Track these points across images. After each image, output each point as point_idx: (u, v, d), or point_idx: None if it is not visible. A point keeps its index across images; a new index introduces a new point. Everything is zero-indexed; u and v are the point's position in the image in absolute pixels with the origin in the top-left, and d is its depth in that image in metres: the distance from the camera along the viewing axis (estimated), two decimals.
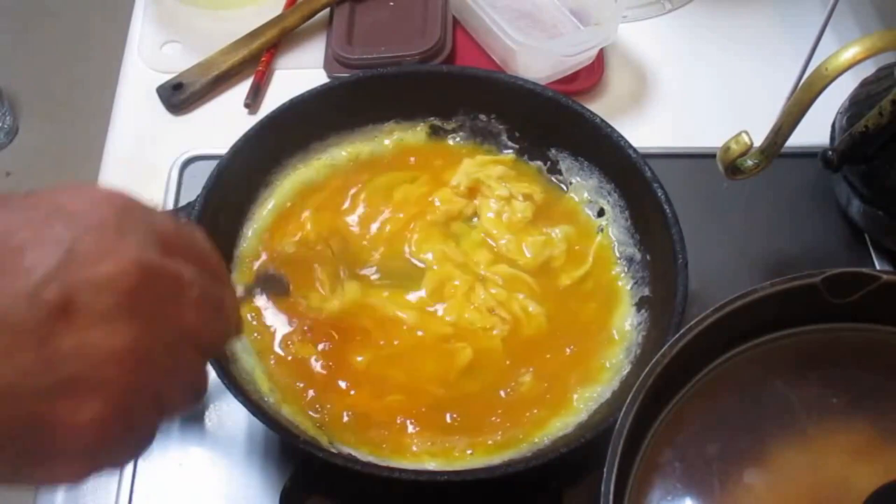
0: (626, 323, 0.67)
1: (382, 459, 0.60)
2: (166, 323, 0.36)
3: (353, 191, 0.73)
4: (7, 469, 0.33)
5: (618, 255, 0.70)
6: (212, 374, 0.58)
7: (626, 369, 0.64)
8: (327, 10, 0.89)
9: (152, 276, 0.34)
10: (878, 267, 0.73)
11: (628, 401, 0.50)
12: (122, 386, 0.33)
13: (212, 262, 0.41)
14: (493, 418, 0.63)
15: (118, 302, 0.33)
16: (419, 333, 0.66)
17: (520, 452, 0.61)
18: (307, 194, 0.73)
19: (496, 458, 0.60)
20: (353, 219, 0.72)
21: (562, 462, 0.57)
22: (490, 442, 0.62)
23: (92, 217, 0.34)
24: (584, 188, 0.73)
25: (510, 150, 0.76)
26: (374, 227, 0.71)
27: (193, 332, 0.37)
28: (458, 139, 0.76)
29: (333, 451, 0.59)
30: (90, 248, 0.33)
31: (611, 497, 0.48)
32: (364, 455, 0.60)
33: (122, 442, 0.35)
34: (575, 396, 0.64)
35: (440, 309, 0.67)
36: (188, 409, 0.39)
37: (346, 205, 0.73)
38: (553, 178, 0.74)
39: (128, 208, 0.36)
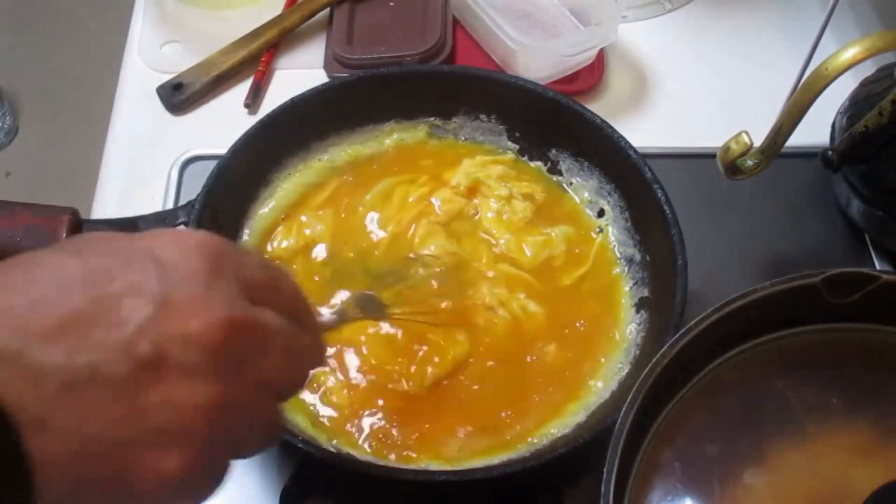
0: (626, 324, 0.67)
1: (381, 459, 0.60)
2: (249, 376, 0.36)
3: (353, 191, 0.73)
4: None
5: (618, 255, 0.70)
6: None
7: (626, 370, 0.64)
8: (327, 10, 0.89)
9: (238, 331, 0.35)
10: (878, 267, 0.73)
11: (628, 401, 0.50)
12: (204, 437, 0.34)
13: (298, 306, 0.41)
14: (503, 414, 0.63)
15: (205, 358, 0.34)
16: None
17: (518, 453, 0.61)
18: (307, 194, 0.73)
19: (495, 459, 0.60)
20: (352, 219, 0.72)
21: (561, 462, 0.57)
22: (489, 441, 0.62)
23: (184, 269, 0.35)
24: (584, 188, 0.73)
25: (510, 151, 0.76)
26: (375, 227, 0.71)
27: (274, 381, 0.38)
28: (458, 139, 0.76)
29: (332, 450, 0.59)
30: (181, 302, 0.34)
31: (611, 497, 0.48)
32: (363, 454, 0.60)
33: (200, 486, 0.36)
34: (575, 396, 0.64)
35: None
36: (263, 450, 0.40)
37: (346, 205, 0.72)
38: (553, 179, 0.74)
39: (219, 257, 0.36)
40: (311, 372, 0.43)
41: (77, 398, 0.31)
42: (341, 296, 0.67)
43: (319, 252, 0.70)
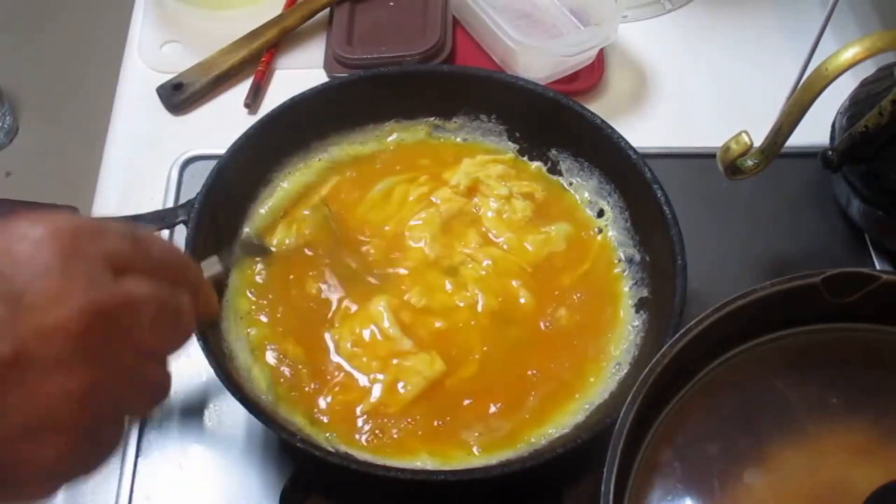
0: (625, 324, 0.67)
1: (380, 458, 0.60)
2: (122, 353, 0.36)
3: (352, 190, 0.73)
4: None
5: (617, 255, 0.70)
6: (210, 373, 0.58)
7: (625, 370, 0.64)
8: (327, 10, 0.89)
9: (101, 315, 0.35)
10: (878, 267, 0.73)
11: (628, 401, 0.50)
12: (77, 422, 0.35)
13: (171, 267, 0.41)
14: (493, 413, 0.63)
15: (68, 347, 0.34)
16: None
17: (517, 453, 0.61)
18: (307, 194, 0.73)
19: (493, 458, 0.60)
20: (352, 218, 0.72)
21: (560, 462, 0.57)
22: (487, 440, 0.62)
23: (38, 261, 0.34)
24: (584, 189, 0.73)
25: (510, 151, 0.76)
26: (374, 226, 0.72)
27: (151, 350, 0.39)
28: (458, 139, 0.76)
29: (330, 449, 0.59)
30: (37, 297, 0.34)
31: (611, 497, 0.48)
32: (360, 453, 0.60)
33: (88, 459, 0.37)
34: (574, 397, 0.64)
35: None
36: (155, 409, 0.42)
37: (346, 204, 0.72)
38: (553, 179, 0.74)
39: (75, 239, 0.36)
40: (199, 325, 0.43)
41: None
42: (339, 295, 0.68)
43: (317, 252, 0.70)
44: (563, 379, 0.64)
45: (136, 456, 0.65)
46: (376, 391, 0.63)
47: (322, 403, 0.63)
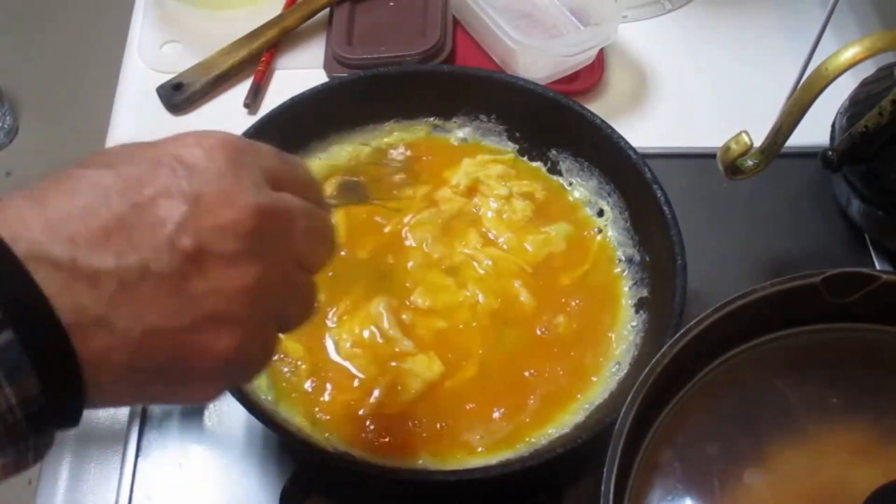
0: (625, 324, 0.67)
1: (380, 458, 0.60)
2: (282, 256, 0.40)
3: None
4: (159, 393, 0.39)
5: (617, 256, 0.70)
6: None
7: (624, 370, 0.64)
8: (327, 10, 0.89)
9: (267, 216, 0.38)
10: (878, 267, 0.73)
11: (628, 401, 0.50)
12: (249, 316, 0.38)
13: (313, 190, 0.44)
14: (492, 413, 0.63)
15: (240, 244, 0.37)
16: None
17: (517, 453, 0.61)
18: None
19: (493, 458, 0.60)
20: (353, 218, 0.72)
21: (560, 462, 0.57)
22: (488, 441, 0.62)
23: (210, 167, 0.38)
24: (584, 189, 0.73)
25: (510, 150, 0.76)
26: (375, 226, 0.72)
27: (304, 258, 0.42)
28: (458, 139, 0.76)
29: (330, 449, 0.59)
30: (211, 197, 0.37)
31: (611, 497, 0.48)
32: (360, 453, 0.60)
33: (251, 361, 0.40)
34: (574, 397, 0.64)
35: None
36: (306, 321, 0.44)
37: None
38: (553, 179, 0.74)
39: (239, 152, 0.39)
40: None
41: (132, 295, 0.34)
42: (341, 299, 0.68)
43: None
44: (563, 379, 0.64)
45: (136, 456, 0.65)
46: (376, 392, 0.63)
47: (322, 404, 0.63)
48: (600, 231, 0.71)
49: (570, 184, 0.74)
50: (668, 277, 0.63)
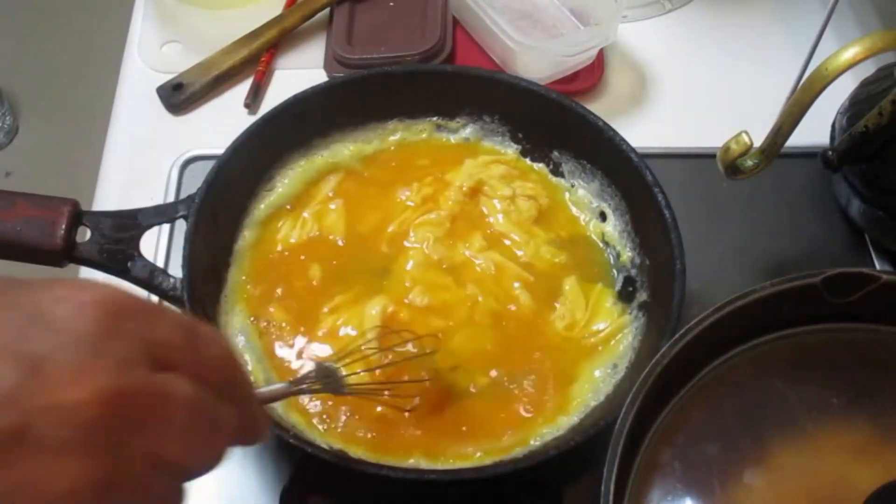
0: (623, 327, 0.66)
1: (375, 456, 0.60)
2: (137, 454, 0.32)
3: (354, 190, 0.73)
4: None
5: (618, 258, 0.70)
6: None
7: (621, 373, 0.64)
8: (327, 10, 0.89)
9: (123, 404, 0.31)
10: (878, 267, 0.73)
11: (628, 401, 0.50)
12: None
13: (222, 374, 0.37)
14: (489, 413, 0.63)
15: (78, 434, 0.30)
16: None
17: (511, 453, 0.61)
18: (308, 191, 0.73)
19: (488, 459, 0.60)
20: (353, 218, 0.72)
21: (553, 464, 0.57)
22: (485, 443, 0.62)
23: (71, 329, 0.31)
24: (586, 191, 0.73)
25: (513, 151, 0.76)
26: (376, 226, 0.72)
27: (173, 461, 0.34)
28: (461, 139, 0.76)
29: (324, 446, 0.59)
30: (59, 368, 0.30)
31: (611, 497, 0.48)
32: (356, 451, 0.60)
33: None
34: (570, 398, 0.64)
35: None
36: None
37: (347, 203, 0.72)
38: (555, 180, 0.74)
39: (120, 316, 0.32)
40: (237, 448, 0.38)
41: None
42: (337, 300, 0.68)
43: (321, 248, 0.70)
44: (560, 381, 0.64)
45: None
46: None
47: (318, 403, 0.63)
48: (601, 233, 0.71)
49: (573, 186, 0.74)
50: (666, 281, 0.63)
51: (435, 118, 0.76)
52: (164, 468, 0.34)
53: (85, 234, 0.63)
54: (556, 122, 0.72)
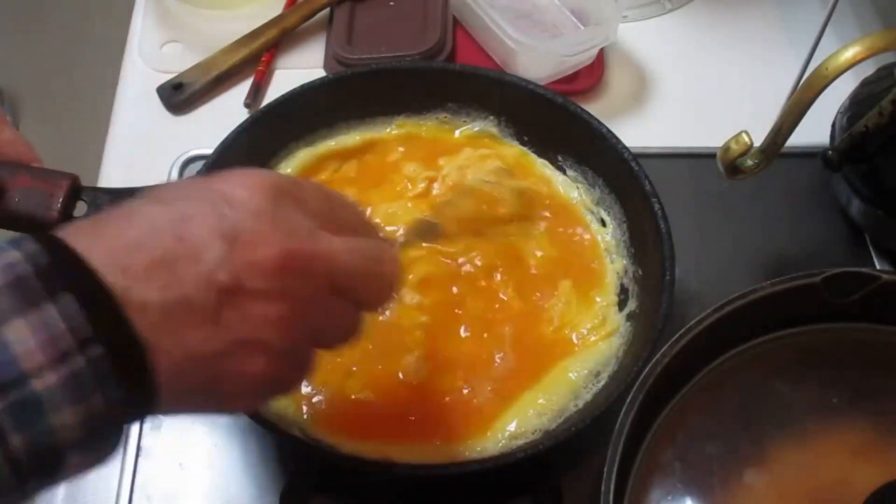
0: (610, 336, 0.66)
1: (358, 443, 0.60)
2: (315, 291, 0.42)
3: (354, 183, 0.74)
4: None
5: (612, 266, 0.70)
6: None
7: (602, 382, 0.63)
8: (327, 10, 0.89)
9: (298, 256, 0.41)
10: (878, 267, 0.73)
11: (628, 401, 0.50)
12: (277, 344, 0.41)
13: (361, 229, 0.47)
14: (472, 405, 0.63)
15: (270, 281, 0.40)
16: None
17: (483, 444, 0.61)
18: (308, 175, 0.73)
19: (465, 450, 0.60)
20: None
21: (524, 465, 0.57)
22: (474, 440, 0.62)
23: (250, 206, 0.41)
24: (587, 196, 0.73)
25: (518, 146, 0.76)
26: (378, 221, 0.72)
27: (349, 291, 0.44)
28: (466, 135, 0.76)
29: (320, 441, 0.59)
30: (250, 236, 0.40)
31: (611, 497, 0.48)
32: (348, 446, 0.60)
33: (284, 380, 0.44)
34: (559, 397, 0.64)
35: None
36: (345, 344, 0.46)
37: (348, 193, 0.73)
38: (556, 182, 0.74)
39: (280, 193, 0.42)
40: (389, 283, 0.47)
41: (172, 324, 0.38)
42: None
43: None
44: (543, 381, 0.64)
45: (136, 456, 0.65)
46: (358, 384, 0.63)
47: (314, 398, 0.63)
48: (599, 239, 0.71)
49: (576, 188, 0.73)
50: (655, 291, 0.62)
51: (442, 115, 0.76)
52: (341, 297, 0.44)
53: (83, 210, 0.63)
54: (561, 126, 0.72)
